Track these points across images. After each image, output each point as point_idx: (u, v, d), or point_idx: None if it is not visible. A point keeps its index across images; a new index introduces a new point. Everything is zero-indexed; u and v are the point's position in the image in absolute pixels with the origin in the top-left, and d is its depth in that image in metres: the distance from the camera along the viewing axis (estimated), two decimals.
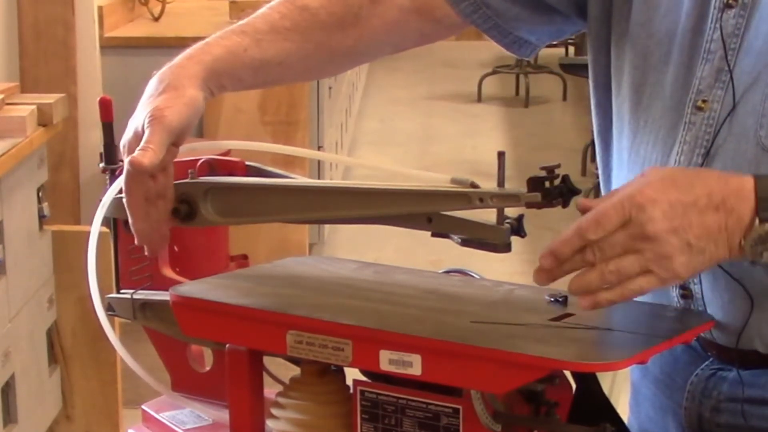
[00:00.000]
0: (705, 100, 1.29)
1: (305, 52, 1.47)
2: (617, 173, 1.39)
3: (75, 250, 3.15)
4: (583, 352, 1.14)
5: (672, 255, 1.14)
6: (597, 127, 1.46)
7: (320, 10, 1.46)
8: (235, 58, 1.42)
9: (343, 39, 1.48)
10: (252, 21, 1.45)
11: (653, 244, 1.14)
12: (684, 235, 1.15)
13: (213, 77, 1.40)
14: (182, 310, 1.31)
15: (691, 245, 1.15)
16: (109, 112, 1.46)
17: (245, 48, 1.42)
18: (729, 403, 1.33)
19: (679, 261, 1.15)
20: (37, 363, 3.16)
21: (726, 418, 1.33)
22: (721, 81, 1.28)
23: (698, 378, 1.36)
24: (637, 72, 1.36)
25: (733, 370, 1.32)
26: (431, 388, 1.19)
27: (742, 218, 1.16)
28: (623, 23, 1.38)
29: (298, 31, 1.45)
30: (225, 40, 1.42)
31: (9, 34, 3.80)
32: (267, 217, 1.36)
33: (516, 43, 1.51)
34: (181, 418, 1.46)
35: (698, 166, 1.28)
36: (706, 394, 1.35)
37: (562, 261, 1.16)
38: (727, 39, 1.28)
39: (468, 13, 1.48)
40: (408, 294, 1.32)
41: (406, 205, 1.27)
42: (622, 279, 1.15)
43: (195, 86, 1.37)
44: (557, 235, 1.17)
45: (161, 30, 4.90)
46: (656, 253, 1.14)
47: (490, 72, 8.42)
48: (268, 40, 1.44)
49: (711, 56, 1.29)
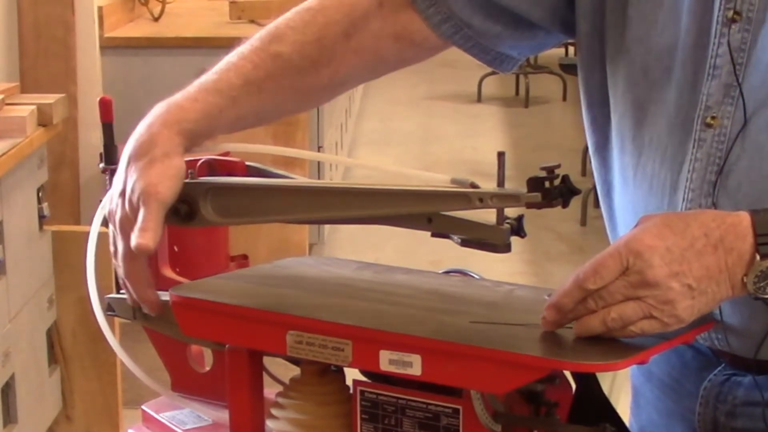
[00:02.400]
0: (714, 116, 1.28)
1: (281, 99, 1.45)
2: (622, 190, 1.38)
3: (75, 250, 3.15)
4: (583, 352, 1.14)
5: (674, 300, 1.13)
6: (593, 145, 1.44)
7: (293, 55, 1.43)
8: (212, 120, 1.39)
9: (318, 78, 1.46)
10: (225, 76, 1.41)
11: (654, 290, 1.13)
12: (684, 279, 1.13)
13: (192, 142, 1.38)
14: (182, 310, 1.31)
15: (693, 288, 1.14)
16: (109, 112, 1.46)
17: (221, 110, 1.40)
18: (745, 407, 1.32)
19: (681, 306, 1.14)
20: (37, 363, 3.16)
21: (743, 422, 1.32)
22: (730, 96, 1.27)
23: (711, 383, 1.35)
24: (637, 88, 1.34)
25: (747, 376, 1.32)
26: (431, 389, 1.19)
27: (743, 255, 1.15)
28: (618, 39, 1.36)
29: (272, 79, 1.43)
30: (199, 103, 1.39)
31: (9, 34, 3.80)
32: (267, 217, 1.36)
33: (497, 59, 1.50)
34: (181, 419, 1.46)
35: (712, 183, 1.27)
36: (720, 399, 1.34)
37: (565, 312, 1.16)
38: (734, 54, 1.26)
39: (449, 34, 1.46)
40: (408, 294, 1.32)
41: (406, 205, 1.27)
42: (625, 325, 1.14)
43: (179, 155, 1.35)
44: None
45: (161, 30, 4.90)
46: (658, 300, 1.13)
47: (490, 72, 8.40)
48: (243, 97, 1.41)
49: (717, 72, 1.28)
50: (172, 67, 4.47)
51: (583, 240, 5.44)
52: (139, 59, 4.54)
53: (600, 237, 1.37)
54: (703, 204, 1.28)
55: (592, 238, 5.33)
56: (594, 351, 1.14)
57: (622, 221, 1.39)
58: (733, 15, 1.27)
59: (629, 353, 1.13)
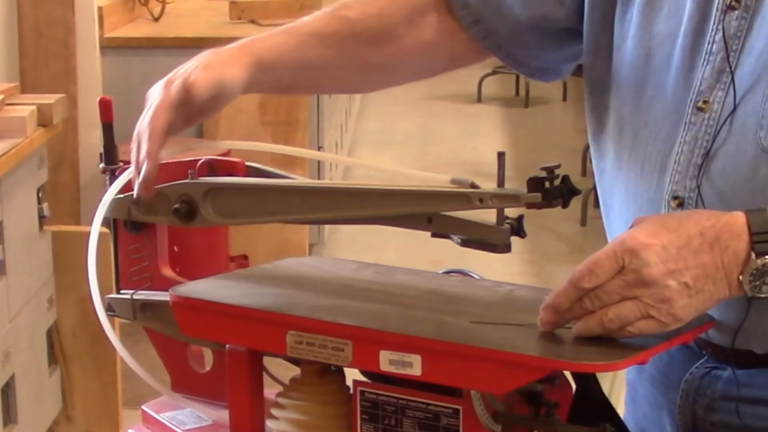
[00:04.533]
0: (706, 100, 1.29)
1: (342, 61, 1.49)
2: (616, 174, 1.39)
3: (75, 250, 3.15)
4: (583, 353, 1.14)
5: (671, 298, 1.13)
6: (591, 132, 1.46)
7: (358, 23, 1.49)
8: (281, 54, 1.44)
9: (378, 54, 1.51)
10: (297, 24, 1.48)
11: (651, 288, 1.13)
12: (681, 277, 1.13)
13: (259, 67, 1.41)
14: (182, 311, 1.31)
15: (690, 287, 1.14)
16: (109, 112, 1.46)
17: (290, 46, 1.45)
18: (723, 401, 1.33)
19: (679, 304, 1.13)
20: (37, 363, 3.16)
21: (720, 417, 1.33)
22: (722, 82, 1.29)
23: (692, 376, 1.36)
24: (639, 73, 1.36)
25: (727, 369, 1.32)
26: (431, 389, 1.19)
27: (738, 254, 1.15)
28: (626, 25, 1.38)
29: (337, 39, 1.48)
30: (271, 37, 1.45)
31: (9, 34, 3.80)
32: (267, 217, 1.36)
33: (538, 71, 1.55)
34: (181, 419, 1.46)
35: (698, 166, 1.28)
36: (700, 392, 1.35)
37: (562, 312, 1.16)
38: (729, 40, 1.28)
39: (480, 38, 1.51)
40: (408, 294, 1.32)
41: (406, 206, 1.27)
42: (623, 325, 1.13)
43: (238, 66, 1.39)
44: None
45: (161, 30, 4.90)
46: (655, 298, 1.13)
47: (490, 72, 8.42)
48: (310, 44, 1.46)
49: (712, 57, 1.30)
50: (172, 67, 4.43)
51: (583, 240, 5.43)
52: (139, 59, 4.54)
53: (600, 237, 1.37)
54: (687, 186, 1.29)
55: (592, 238, 5.32)
56: (594, 351, 1.14)
57: (615, 206, 1.40)
58: (732, 2, 1.29)
59: (629, 353, 1.13)
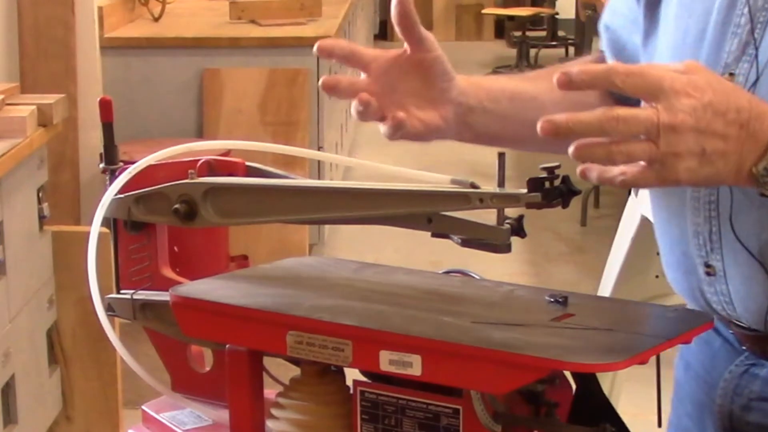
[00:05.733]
0: (732, 72, 1.30)
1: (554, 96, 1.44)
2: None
3: (75, 250, 3.15)
4: (583, 353, 1.14)
5: (682, 154, 1.12)
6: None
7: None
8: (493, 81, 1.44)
9: None
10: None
11: (671, 136, 1.11)
12: (702, 139, 1.12)
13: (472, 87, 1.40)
14: (182, 311, 1.31)
15: (705, 154, 1.13)
16: (109, 112, 1.46)
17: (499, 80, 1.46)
18: (759, 401, 1.34)
19: (684, 165, 1.12)
20: (37, 363, 3.16)
21: (755, 417, 1.34)
22: (747, 54, 1.29)
23: (732, 374, 1.37)
24: (675, 52, 1.37)
25: (765, 367, 1.33)
26: (431, 389, 1.19)
27: (759, 143, 1.15)
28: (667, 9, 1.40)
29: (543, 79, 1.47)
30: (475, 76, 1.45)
31: (9, 34, 3.80)
32: (267, 217, 1.36)
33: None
34: (181, 419, 1.46)
35: None
36: (737, 391, 1.36)
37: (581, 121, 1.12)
38: (757, 13, 1.29)
39: None
40: (408, 294, 1.32)
41: (406, 206, 1.27)
42: (627, 161, 1.12)
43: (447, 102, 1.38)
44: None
45: (161, 30, 4.90)
46: (669, 146, 1.11)
47: (490, 72, 8.43)
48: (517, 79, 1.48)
49: (740, 30, 1.30)
50: (172, 67, 4.47)
51: (583, 240, 5.43)
52: (139, 59, 4.54)
53: (600, 237, 1.37)
54: None
55: (592, 238, 5.32)
56: (594, 351, 1.14)
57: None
58: None
59: (629, 353, 1.13)
